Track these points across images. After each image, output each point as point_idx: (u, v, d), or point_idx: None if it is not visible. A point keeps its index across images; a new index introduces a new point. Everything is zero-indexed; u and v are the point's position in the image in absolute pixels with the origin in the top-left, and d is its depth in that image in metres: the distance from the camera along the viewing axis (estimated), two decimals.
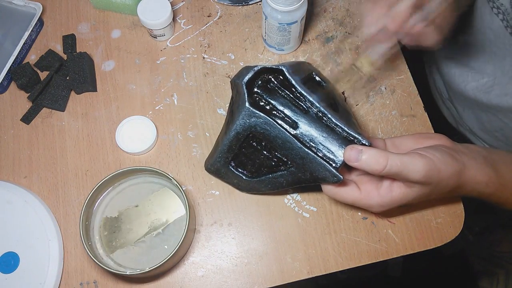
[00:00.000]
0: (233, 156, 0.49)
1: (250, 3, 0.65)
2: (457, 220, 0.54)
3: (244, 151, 0.48)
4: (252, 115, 0.44)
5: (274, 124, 0.44)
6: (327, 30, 0.64)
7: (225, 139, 0.47)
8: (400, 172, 0.40)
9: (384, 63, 0.58)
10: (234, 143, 0.47)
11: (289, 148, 0.44)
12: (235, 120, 0.45)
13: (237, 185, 0.53)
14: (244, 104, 0.44)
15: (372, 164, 0.39)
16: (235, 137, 0.46)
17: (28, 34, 0.61)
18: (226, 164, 0.50)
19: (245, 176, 0.50)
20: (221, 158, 0.49)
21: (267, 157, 0.47)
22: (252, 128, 0.45)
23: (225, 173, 0.51)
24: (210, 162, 0.52)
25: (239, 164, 0.50)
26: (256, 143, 0.47)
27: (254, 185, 0.50)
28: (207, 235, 0.54)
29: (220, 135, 0.51)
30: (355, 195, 0.44)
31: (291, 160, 0.45)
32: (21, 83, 0.59)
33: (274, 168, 0.48)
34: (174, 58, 0.63)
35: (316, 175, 0.44)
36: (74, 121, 0.59)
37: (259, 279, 0.52)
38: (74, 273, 0.53)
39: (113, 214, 0.51)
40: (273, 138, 0.44)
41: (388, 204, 0.44)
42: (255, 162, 0.48)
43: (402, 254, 0.52)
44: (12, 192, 0.55)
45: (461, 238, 0.53)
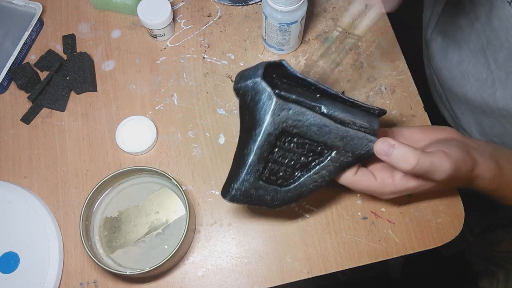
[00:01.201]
0: (264, 166, 0.42)
1: (250, 3, 0.65)
2: (457, 220, 0.54)
3: (275, 157, 0.42)
4: (282, 108, 0.40)
5: (306, 111, 0.40)
6: (327, 30, 0.64)
7: (253, 147, 0.40)
8: (427, 173, 0.40)
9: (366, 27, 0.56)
10: (266, 148, 0.41)
11: (326, 133, 0.41)
12: (262, 121, 0.40)
13: (272, 202, 0.44)
14: (271, 99, 0.39)
15: (401, 162, 0.39)
16: (266, 140, 0.40)
17: (28, 34, 0.61)
18: (257, 180, 0.42)
19: (280, 186, 0.43)
20: (251, 174, 0.41)
21: (300, 154, 0.42)
22: (283, 124, 0.40)
23: (255, 194, 0.42)
24: (234, 186, 0.42)
25: (270, 175, 0.43)
26: (286, 142, 0.42)
27: (293, 192, 0.44)
28: (207, 235, 0.54)
29: (238, 152, 0.43)
30: (370, 183, 0.44)
31: (330, 145, 0.42)
32: (21, 83, 0.59)
33: (310, 164, 0.43)
34: (174, 58, 0.63)
35: (359, 152, 0.42)
36: (74, 121, 0.60)
37: (259, 279, 0.52)
38: (74, 273, 0.53)
39: (113, 214, 0.51)
40: (308, 127, 0.41)
41: (402, 192, 0.44)
42: (289, 166, 0.43)
43: (402, 254, 0.52)
44: (12, 192, 0.55)
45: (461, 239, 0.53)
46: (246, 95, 0.42)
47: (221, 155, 0.57)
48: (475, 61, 0.58)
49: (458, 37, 0.61)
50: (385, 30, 0.64)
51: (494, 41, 0.53)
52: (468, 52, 0.59)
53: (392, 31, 0.64)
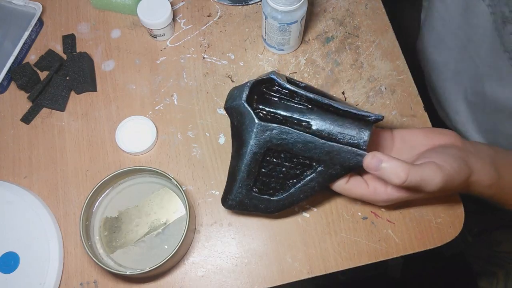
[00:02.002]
0: (254, 180, 0.45)
1: (250, 3, 0.65)
2: (457, 220, 0.54)
3: (264, 171, 0.45)
4: (265, 130, 0.42)
5: (289, 130, 0.42)
6: (327, 30, 0.64)
7: (241, 165, 0.44)
8: (418, 186, 0.40)
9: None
10: (253, 166, 0.44)
11: (312, 149, 0.43)
12: (247, 142, 0.43)
13: (266, 210, 0.47)
14: (253, 122, 0.42)
15: (392, 176, 0.39)
16: (253, 158, 0.44)
17: (28, 34, 0.61)
18: (249, 192, 0.46)
19: (272, 196, 0.46)
20: (242, 187, 0.45)
21: (289, 167, 0.45)
22: (269, 143, 0.43)
23: (249, 202, 0.47)
24: (229, 197, 0.47)
25: (262, 186, 0.46)
26: (275, 158, 0.44)
27: (284, 201, 0.47)
28: (207, 235, 0.54)
29: (231, 167, 0.46)
30: (363, 191, 0.44)
31: (317, 160, 0.43)
32: (21, 83, 0.59)
33: (300, 176, 0.45)
34: (174, 58, 0.63)
35: (347, 164, 0.43)
36: (74, 121, 0.59)
37: (259, 279, 0.52)
38: (74, 273, 0.52)
39: (113, 214, 0.51)
40: (293, 145, 0.43)
41: (394, 201, 0.44)
42: (279, 178, 0.45)
43: (402, 254, 0.52)
44: (12, 192, 0.54)
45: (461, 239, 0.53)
46: (233, 116, 0.45)
47: (221, 155, 0.57)
48: (460, 59, 0.58)
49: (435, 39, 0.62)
50: (385, 30, 0.64)
51: (474, 37, 0.54)
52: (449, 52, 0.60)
53: (392, 31, 0.64)
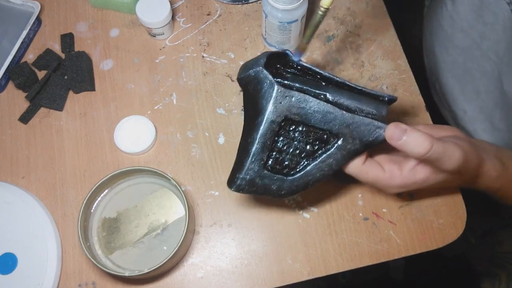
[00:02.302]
0: (268, 155, 0.41)
1: (250, 2, 0.65)
2: (459, 221, 0.53)
3: (279, 146, 0.41)
4: (284, 96, 0.39)
5: (309, 98, 0.39)
6: (328, 29, 0.64)
7: (256, 136, 0.40)
8: (439, 160, 0.39)
9: None
10: (269, 137, 0.40)
11: (331, 120, 0.40)
12: (264, 110, 0.40)
13: (278, 192, 0.43)
14: (272, 87, 0.39)
15: (415, 147, 0.38)
16: (269, 128, 0.40)
17: (26, 33, 0.61)
18: (261, 169, 0.41)
19: (286, 176, 0.42)
20: (255, 162, 0.41)
21: (305, 143, 0.42)
22: (286, 112, 0.40)
23: (260, 183, 0.42)
24: (239, 175, 0.42)
25: (275, 164, 0.42)
26: (291, 131, 0.41)
27: (299, 181, 0.43)
28: (207, 236, 0.53)
29: (243, 141, 0.43)
30: (378, 174, 0.42)
31: (336, 133, 0.41)
32: (19, 83, 0.59)
33: (316, 152, 0.42)
34: (173, 57, 0.62)
35: (367, 139, 0.41)
36: (72, 120, 0.59)
37: (259, 281, 0.51)
38: (72, 274, 0.52)
39: (112, 214, 0.51)
40: (311, 115, 0.40)
41: (409, 185, 0.43)
42: (294, 155, 0.42)
43: (403, 255, 0.52)
44: (10, 192, 0.54)
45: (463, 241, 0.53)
46: (248, 85, 0.42)
47: (221, 155, 0.57)
48: (472, 57, 0.58)
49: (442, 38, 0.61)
50: (386, 29, 0.63)
51: (490, 35, 0.53)
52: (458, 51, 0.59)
53: (393, 29, 0.63)
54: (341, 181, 0.55)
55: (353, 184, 0.55)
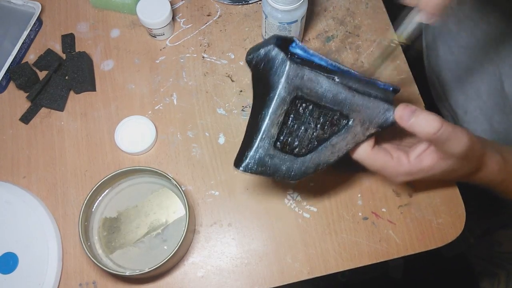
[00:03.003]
0: (278, 132, 0.40)
1: (250, 2, 0.65)
2: (458, 221, 0.53)
3: (289, 125, 0.41)
4: (296, 73, 0.39)
5: (321, 77, 0.39)
6: (327, 30, 0.64)
7: (267, 112, 0.39)
8: (448, 140, 0.39)
9: None
10: (280, 113, 0.39)
11: (342, 100, 0.40)
12: (275, 86, 0.39)
13: (288, 173, 0.42)
14: (285, 63, 0.39)
15: (425, 126, 0.38)
16: (280, 104, 0.39)
17: (27, 33, 0.61)
18: (270, 147, 0.40)
19: (296, 156, 0.41)
20: (265, 139, 0.40)
21: (315, 123, 0.41)
22: (298, 89, 0.39)
23: (270, 162, 0.41)
24: (248, 153, 0.40)
25: (285, 143, 0.41)
26: (302, 110, 0.41)
27: (310, 163, 0.42)
28: (207, 236, 0.53)
29: (252, 120, 0.41)
30: (386, 159, 0.42)
31: (347, 114, 0.41)
32: (20, 83, 0.59)
33: (326, 133, 0.42)
34: (174, 58, 0.62)
35: (377, 121, 0.41)
36: (73, 121, 0.59)
37: (259, 280, 0.51)
38: (73, 273, 0.52)
39: (112, 214, 0.51)
40: (322, 95, 0.40)
41: (416, 173, 0.43)
42: (305, 134, 0.41)
43: (402, 254, 0.52)
44: (11, 192, 0.54)
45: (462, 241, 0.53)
46: (259, 64, 0.41)
47: (221, 155, 0.57)
48: (475, 57, 0.58)
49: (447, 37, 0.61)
50: (385, 29, 0.64)
51: (494, 35, 0.53)
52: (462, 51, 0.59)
53: (392, 30, 0.64)
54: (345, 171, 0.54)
55: (353, 181, 0.55)
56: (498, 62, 0.55)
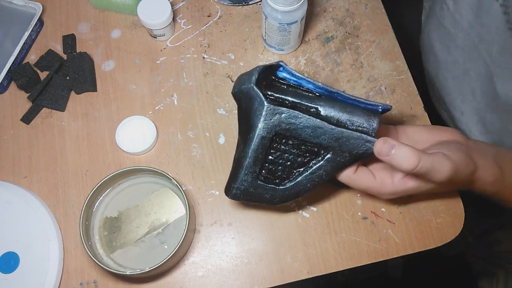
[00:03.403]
0: (260, 167, 0.44)
1: (250, 3, 0.65)
2: (457, 220, 0.54)
3: (271, 158, 0.44)
4: (274, 113, 0.41)
5: (299, 114, 0.41)
6: (327, 30, 0.64)
7: (248, 150, 0.43)
8: (428, 173, 0.39)
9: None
10: (260, 151, 0.43)
11: (321, 134, 0.42)
12: (255, 126, 0.42)
13: (271, 200, 0.46)
14: (262, 105, 0.41)
15: (403, 162, 0.39)
16: (260, 143, 0.42)
17: (28, 34, 0.61)
18: (254, 180, 0.44)
19: (278, 185, 0.45)
20: (248, 175, 0.44)
21: (297, 155, 0.44)
22: (277, 127, 0.42)
23: (254, 192, 0.45)
24: (234, 185, 0.45)
25: (268, 175, 0.45)
26: (282, 144, 0.43)
27: (291, 191, 0.45)
28: (207, 235, 0.54)
29: (237, 154, 0.45)
30: (370, 182, 0.44)
31: (326, 147, 0.42)
32: (21, 83, 0.59)
33: (308, 164, 0.44)
34: (174, 58, 0.63)
35: (356, 152, 0.42)
36: (74, 121, 0.59)
37: (259, 279, 0.52)
38: (74, 273, 0.52)
39: (113, 214, 0.51)
40: (301, 130, 0.42)
41: (400, 194, 0.44)
42: (286, 166, 0.44)
43: (402, 254, 0.52)
44: (12, 192, 0.54)
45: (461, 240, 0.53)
46: (241, 100, 0.44)
47: (221, 155, 0.57)
48: (470, 58, 0.58)
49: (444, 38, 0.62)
50: (385, 30, 0.64)
51: (486, 36, 0.54)
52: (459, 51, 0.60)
53: (392, 31, 0.64)
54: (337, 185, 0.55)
55: None
56: (489, 63, 0.55)
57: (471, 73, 0.59)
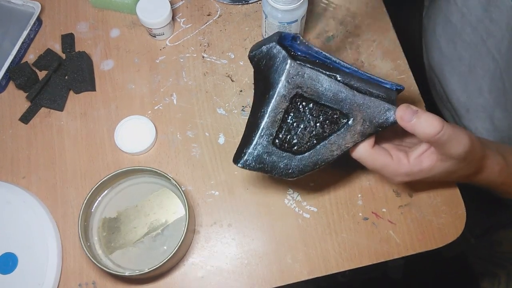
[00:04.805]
0: (277, 130, 0.41)
1: (250, 2, 0.65)
2: (459, 221, 0.53)
3: (289, 122, 0.41)
4: (297, 72, 0.39)
5: (321, 75, 0.40)
6: (327, 29, 0.64)
7: (266, 110, 0.40)
8: (449, 142, 0.39)
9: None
10: (279, 111, 0.40)
11: (342, 99, 0.40)
12: (276, 84, 0.39)
13: (286, 170, 0.42)
14: (286, 61, 0.39)
15: (426, 127, 0.38)
16: (280, 102, 0.40)
17: (26, 33, 0.61)
18: (269, 145, 0.41)
19: (294, 153, 0.42)
20: (264, 137, 0.40)
21: (315, 122, 0.41)
22: (298, 87, 0.40)
23: (268, 159, 0.41)
24: (247, 150, 0.41)
25: (284, 141, 0.42)
26: (301, 107, 0.41)
27: (308, 161, 0.42)
28: (207, 236, 0.53)
29: (252, 117, 0.42)
30: (387, 159, 0.42)
31: (346, 113, 0.41)
32: (20, 83, 0.59)
33: (326, 131, 0.42)
34: (174, 57, 0.62)
35: (377, 121, 0.41)
36: (73, 120, 0.59)
37: (259, 280, 0.51)
38: (72, 274, 0.52)
39: (112, 214, 0.51)
40: (322, 93, 0.40)
41: (416, 174, 0.43)
42: (304, 133, 0.42)
43: (403, 255, 0.52)
44: (11, 192, 0.54)
45: (463, 241, 0.53)
46: (260, 62, 0.42)
47: (221, 155, 0.57)
48: (477, 54, 0.58)
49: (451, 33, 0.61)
50: (385, 29, 0.64)
51: (495, 32, 0.53)
52: (466, 46, 0.59)
53: (393, 30, 0.64)
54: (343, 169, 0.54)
55: (353, 181, 0.55)
56: (498, 59, 0.55)
57: (478, 69, 0.59)
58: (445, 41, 0.64)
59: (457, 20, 0.59)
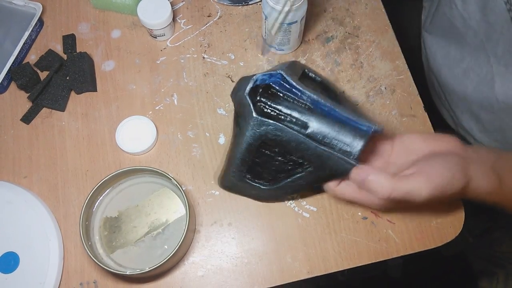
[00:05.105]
0: (248, 168, 0.48)
1: (250, 3, 0.65)
2: (457, 220, 0.54)
3: (258, 161, 0.47)
4: (261, 124, 0.43)
5: (285, 128, 0.43)
6: (327, 30, 0.64)
7: (237, 153, 0.47)
8: (405, 198, 0.40)
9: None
10: (247, 155, 0.46)
11: (304, 149, 0.43)
12: (244, 132, 0.45)
13: (257, 196, 0.52)
14: (251, 115, 0.44)
15: (377, 191, 0.40)
16: (247, 149, 0.46)
17: (28, 34, 0.61)
18: (241, 178, 0.49)
19: (263, 185, 0.49)
20: (236, 173, 0.49)
21: (282, 162, 0.46)
22: (263, 137, 0.44)
23: (242, 187, 0.51)
24: (224, 178, 0.51)
25: (255, 175, 0.49)
26: (269, 151, 0.46)
27: (273, 192, 0.49)
28: (207, 235, 0.54)
29: (230, 150, 0.49)
30: (355, 195, 0.45)
31: (308, 160, 0.44)
32: (21, 83, 0.59)
33: (291, 171, 0.47)
34: (174, 58, 0.63)
35: (336, 171, 0.44)
36: (74, 121, 0.59)
37: (259, 279, 0.52)
38: (74, 273, 0.52)
39: (113, 214, 0.51)
40: (286, 143, 0.44)
41: (387, 207, 0.44)
42: (271, 170, 0.47)
43: (402, 254, 0.52)
44: (12, 192, 0.55)
45: (461, 240, 0.53)
46: (236, 105, 0.47)
47: (221, 155, 0.57)
48: (476, 57, 0.58)
49: (455, 36, 0.62)
50: (385, 30, 0.64)
51: (493, 35, 0.54)
52: (469, 49, 0.60)
53: (392, 31, 0.64)
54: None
55: None
56: (493, 62, 0.55)
57: (473, 71, 0.59)
58: (448, 44, 0.64)
59: (460, 24, 0.59)
